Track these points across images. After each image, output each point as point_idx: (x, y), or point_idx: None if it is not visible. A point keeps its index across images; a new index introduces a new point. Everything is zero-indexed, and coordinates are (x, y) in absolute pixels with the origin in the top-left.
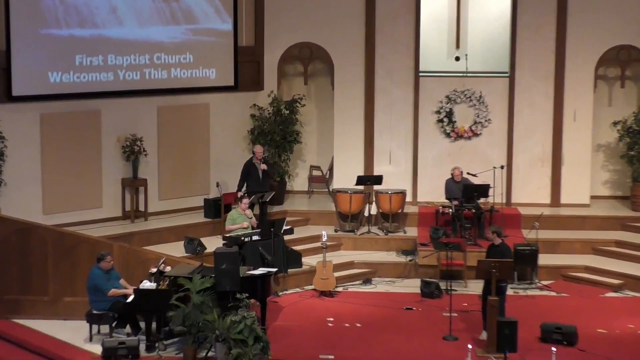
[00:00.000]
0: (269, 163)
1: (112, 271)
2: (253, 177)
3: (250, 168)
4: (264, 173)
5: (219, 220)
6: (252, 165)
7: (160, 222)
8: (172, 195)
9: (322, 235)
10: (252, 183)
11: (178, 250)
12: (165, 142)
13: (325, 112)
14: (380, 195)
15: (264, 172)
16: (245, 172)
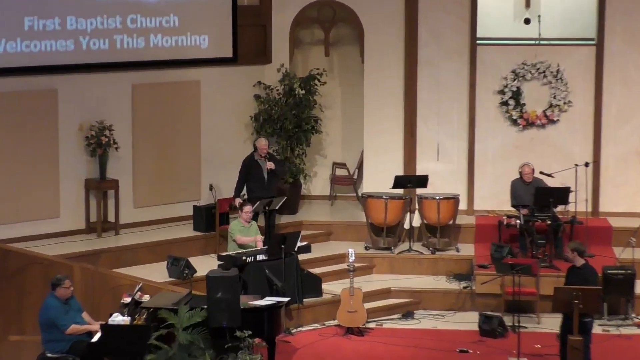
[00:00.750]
0: (276, 160)
1: (71, 301)
2: (256, 179)
3: (252, 167)
4: (271, 173)
5: (213, 235)
6: (255, 163)
7: (136, 236)
8: (152, 201)
9: (349, 254)
10: (255, 186)
11: (159, 274)
12: (142, 131)
13: (353, 92)
14: (425, 201)
15: (271, 171)
16: (246, 172)
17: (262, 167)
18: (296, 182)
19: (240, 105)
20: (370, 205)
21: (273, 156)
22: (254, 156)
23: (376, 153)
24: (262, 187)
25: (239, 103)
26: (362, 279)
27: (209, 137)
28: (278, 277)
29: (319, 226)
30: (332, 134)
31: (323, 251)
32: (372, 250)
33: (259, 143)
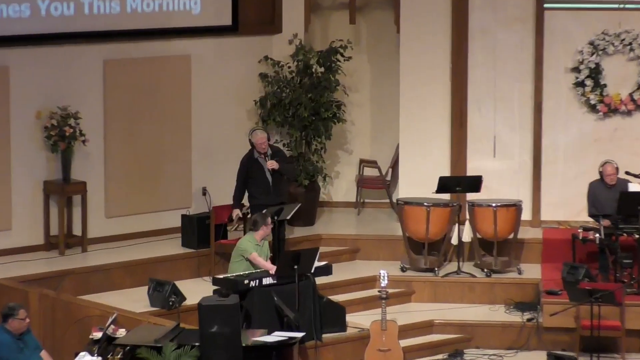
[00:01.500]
0: (283, 156)
1: (27, 336)
2: (258, 182)
3: (252, 167)
4: (276, 174)
5: (206, 252)
6: (255, 163)
7: (109, 254)
8: (129, 209)
9: (380, 276)
10: (258, 191)
11: (138, 302)
12: (117, 120)
13: (385, 70)
14: (478, 209)
15: (275, 172)
16: (245, 175)
17: (264, 166)
18: (313, 185)
19: (242, 87)
20: (408, 215)
21: (279, 152)
22: (253, 154)
23: (415, 148)
24: (266, 191)
25: (240, 84)
26: (398, 308)
27: (202, 128)
28: (290, 306)
29: (342, 241)
30: (359, 123)
31: (347, 273)
32: (410, 272)
33: (254, 138)
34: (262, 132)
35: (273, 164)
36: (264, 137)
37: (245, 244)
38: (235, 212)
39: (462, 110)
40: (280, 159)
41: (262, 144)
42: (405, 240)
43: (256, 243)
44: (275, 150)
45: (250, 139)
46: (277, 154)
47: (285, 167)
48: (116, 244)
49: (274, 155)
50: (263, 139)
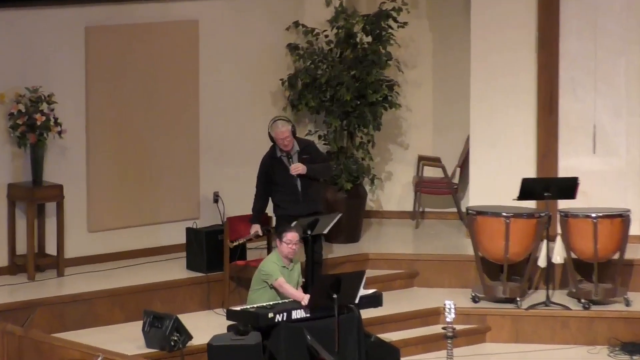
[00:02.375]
0: (312, 152)
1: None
2: (284, 188)
3: (275, 169)
4: (305, 178)
5: (219, 276)
6: (278, 164)
7: (92, 279)
8: (118, 221)
9: (446, 308)
10: (284, 200)
11: (131, 341)
12: (102, 106)
13: (452, 39)
14: (573, 221)
15: (302, 178)
16: (266, 179)
17: (288, 168)
18: (357, 190)
19: (266, 63)
20: (482, 228)
21: (310, 147)
22: (275, 152)
23: (491, 141)
24: (294, 200)
25: (262, 59)
26: (468, 350)
27: (213, 117)
28: (327, 347)
29: (396, 262)
30: (417, 109)
31: (402, 304)
32: (484, 303)
33: (274, 131)
34: (284, 124)
35: (298, 167)
36: (286, 131)
37: (269, 267)
38: (254, 229)
39: (552, 93)
40: (310, 157)
41: (284, 140)
42: (478, 262)
43: (283, 265)
44: (304, 145)
45: (270, 133)
46: (307, 151)
47: (316, 169)
48: (101, 267)
49: (303, 152)
50: (285, 133)
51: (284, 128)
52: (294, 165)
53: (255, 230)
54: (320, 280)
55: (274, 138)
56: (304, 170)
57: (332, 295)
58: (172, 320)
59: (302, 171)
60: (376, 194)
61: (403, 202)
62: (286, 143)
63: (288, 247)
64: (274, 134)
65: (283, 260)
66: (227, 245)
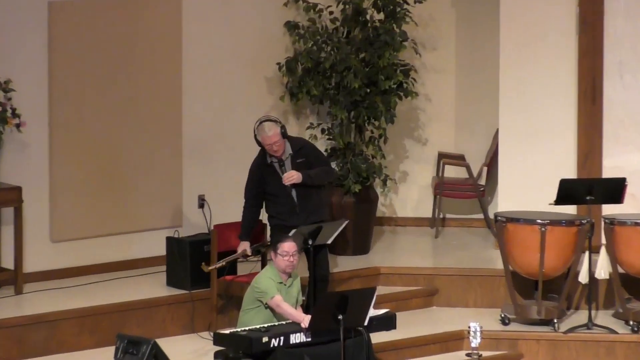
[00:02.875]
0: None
1: None
2: (277, 198)
3: (266, 177)
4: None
5: (205, 294)
6: (269, 171)
7: (56, 298)
8: (86, 229)
9: (471, 331)
10: (279, 210)
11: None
12: (69, 95)
13: (479, 18)
14: (621, 230)
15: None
16: (256, 188)
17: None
18: (367, 193)
19: (260, 44)
20: (513, 237)
21: (305, 148)
22: (265, 158)
23: (524, 136)
24: (290, 211)
25: (256, 39)
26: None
27: (198, 107)
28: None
29: (412, 278)
30: (437, 98)
31: (420, 326)
32: (516, 326)
33: (260, 134)
34: (271, 126)
35: (291, 176)
36: (275, 134)
37: (264, 283)
38: (242, 247)
39: (595, 80)
40: (306, 160)
41: (272, 145)
42: (509, 277)
43: (280, 281)
44: (298, 146)
45: (256, 137)
46: (302, 153)
47: (313, 174)
48: (67, 283)
49: (297, 155)
50: (274, 137)
51: (272, 132)
52: (286, 174)
53: (244, 249)
54: (323, 299)
55: (260, 140)
56: (299, 179)
57: (337, 315)
58: (150, 346)
59: (296, 180)
60: (389, 197)
61: (420, 207)
62: (275, 148)
63: (285, 259)
64: (261, 138)
65: (280, 275)
66: (215, 257)
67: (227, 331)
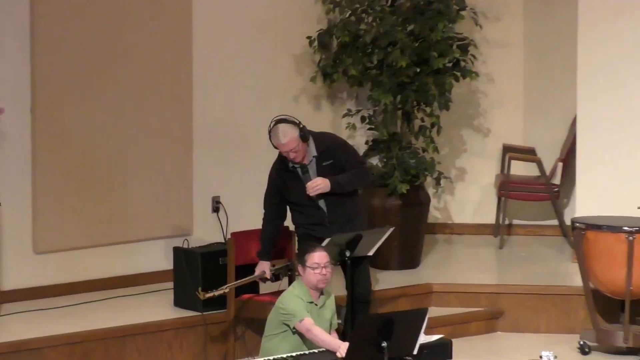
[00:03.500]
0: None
1: None
2: (303, 208)
3: (288, 185)
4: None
5: (220, 316)
6: (290, 177)
7: (41, 320)
8: (75, 239)
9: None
10: (305, 221)
11: None
12: (56, 81)
13: None
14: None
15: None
16: (276, 198)
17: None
18: (417, 194)
19: (287, 14)
20: (594, 248)
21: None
22: (286, 163)
23: (607, 126)
24: (319, 223)
25: (282, 8)
26: None
27: (211, 95)
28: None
29: (472, 297)
30: (502, 80)
31: (482, 356)
32: (598, 355)
33: (274, 140)
34: (286, 131)
35: (317, 185)
36: (291, 140)
37: (291, 303)
38: (261, 269)
39: None
40: (334, 162)
41: (289, 153)
42: (589, 297)
43: (310, 300)
44: (323, 147)
45: (271, 140)
46: (328, 154)
47: (344, 180)
48: (54, 302)
49: (322, 157)
50: (291, 144)
51: (287, 138)
52: (310, 183)
53: (262, 270)
54: (363, 322)
55: (276, 145)
56: (326, 188)
57: (380, 343)
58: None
59: (323, 189)
60: (443, 199)
61: (482, 212)
62: (293, 156)
63: (316, 273)
64: (275, 145)
65: (310, 293)
66: (232, 271)
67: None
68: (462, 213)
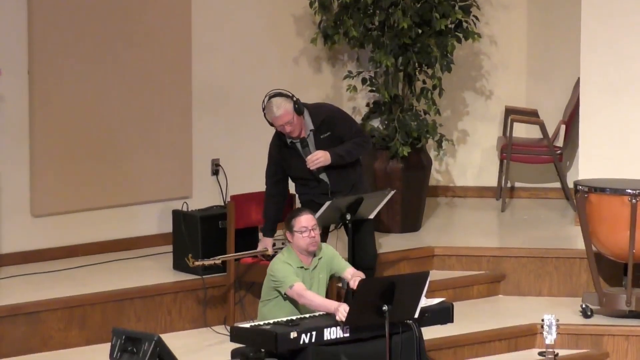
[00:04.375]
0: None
1: None
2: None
3: (287, 161)
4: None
5: (219, 279)
6: (289, 152)
7: (38, 284)
8: (73, 202)
9: (545, 325)
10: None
11: None
12: (53, 43)
13: None
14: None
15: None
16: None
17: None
18: (419, 157)
19: None
20: (597, 211)
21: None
22: (283, 138)
23: (612, 88)
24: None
25: None
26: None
27: (210, 56)
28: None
29: (474, 261)
30: (505, 41)
31: (483, 320)
32: (600, 319)
33: (269, 116)
34: (280, 104)
35: (317, 158)
36: (285, 113)
37: (279, 270)
38: (263, 245)
39: None
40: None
41: (284, 126)
42: (592, 260)
43: (300, 265)
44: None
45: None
46: (326, 126)
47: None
48: (51, 266)
49: (320, 129)
50: (285, 117)
51: (281, 110)
52: (310, 157)
53: (264, 247)
54: (364, 286)
55: (271, 120)
56: (326, 161)
57: (381, 307)
58: (153, 343)
59: (323, 162)
60: (445, 162)
61: (484, 175)
62: (289, 129)
63: (304, 237)
64: (269, 120)
65: (299, 258)
66: (232, 234)
67: (247, 325)
68: (464, 176)
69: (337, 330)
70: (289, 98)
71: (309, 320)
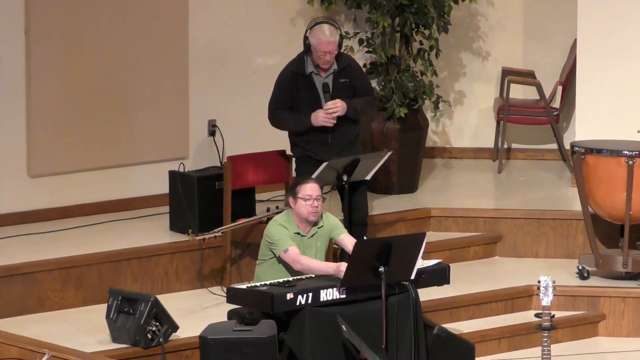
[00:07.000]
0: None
1: None
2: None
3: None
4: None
5: (217, 241)
6: (305, 82)
7: (35, 244)
8: (70, 162)
9: (541, 286)
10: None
11: (91, 334)
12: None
13: None
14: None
15: None
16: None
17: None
18: (415, 118)
19: None
20: (594, 173)
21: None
22: (304, 66)
23: (608, 49)
24: (321, 141)
25: None
26: (574, 347)
27: (207, 16)
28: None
29: (470, 222)
30: (501, 3)
31: (479, 281)
32: (596, 280)
33: (317, 38)
34: (333, 31)
35: (337, 106)
36: (335, 41)
37: (275, 231)
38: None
39: None
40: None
41: (326, 54)
42: (588, 221)
43: (297, 231)
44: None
45: (308, 38)
46: (347, 73)
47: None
48: (48, 226)
49: (341, 74)
50: (333, 44)
51: (333, 37)
52: (330, 102)
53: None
54: (361, 247)
55: (312, 47)
56: (343, 111)
57: (377, 268)
58: (149, 304)
59: (341, 112)
60: (442, 123)
61: (480, 136)
62: (329, 58)
63: (307, 205)
64: (317, 41)
65: (298, 224)
66: (228, 195)
67: (243, 286)
68: (460, 137)
69: (334, 292)
70: (339, 30)
71: (306, 281)
